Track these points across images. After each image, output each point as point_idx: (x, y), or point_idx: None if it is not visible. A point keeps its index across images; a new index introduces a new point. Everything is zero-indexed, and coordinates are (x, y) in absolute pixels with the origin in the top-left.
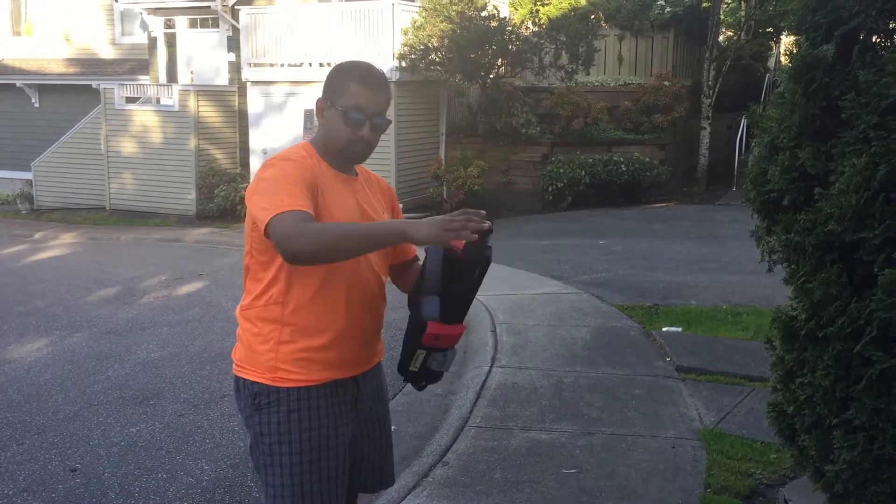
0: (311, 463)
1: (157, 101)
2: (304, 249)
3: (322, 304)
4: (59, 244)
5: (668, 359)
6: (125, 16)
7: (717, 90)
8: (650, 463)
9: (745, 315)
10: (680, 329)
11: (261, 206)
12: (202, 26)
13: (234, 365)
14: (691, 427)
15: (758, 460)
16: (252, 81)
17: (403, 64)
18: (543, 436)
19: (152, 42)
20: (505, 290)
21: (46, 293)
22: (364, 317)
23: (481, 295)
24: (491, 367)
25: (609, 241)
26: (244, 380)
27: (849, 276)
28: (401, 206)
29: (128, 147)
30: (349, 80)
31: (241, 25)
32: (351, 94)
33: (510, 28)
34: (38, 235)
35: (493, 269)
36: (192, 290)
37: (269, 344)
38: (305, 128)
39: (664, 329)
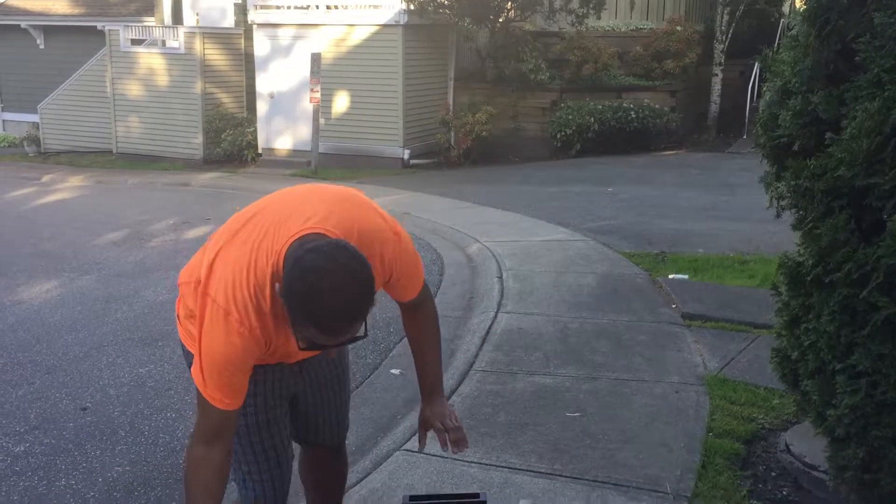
0: (247, 428)
1: (163, 43)
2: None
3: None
4: (67, 187)
5: (673, 305)
6: None
7: (730, 35)
8: (653, 407)
9: (753, 263)
10: (686, 276)
11: (198, 369)
12: None
13: (177, 321)
14: (695, 373)
15: (760, 406)
16: (258, 24)
17: (412, 7)
18: (548, 380)
19: None
20: (511, 237)
21: (55, 236)
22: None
23: (488, 241)
24: (497, 312)
25: (617, 188)
26: (183, 345)
27: (857, 222)
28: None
29: (134, 90)
30: (308, 321)
31: None
32: (309, 333)
33: None
34: (45, 178)
35: (500, 216)
36: (200, 235)
37: None
38: (312, 72)
39: (671, 276)
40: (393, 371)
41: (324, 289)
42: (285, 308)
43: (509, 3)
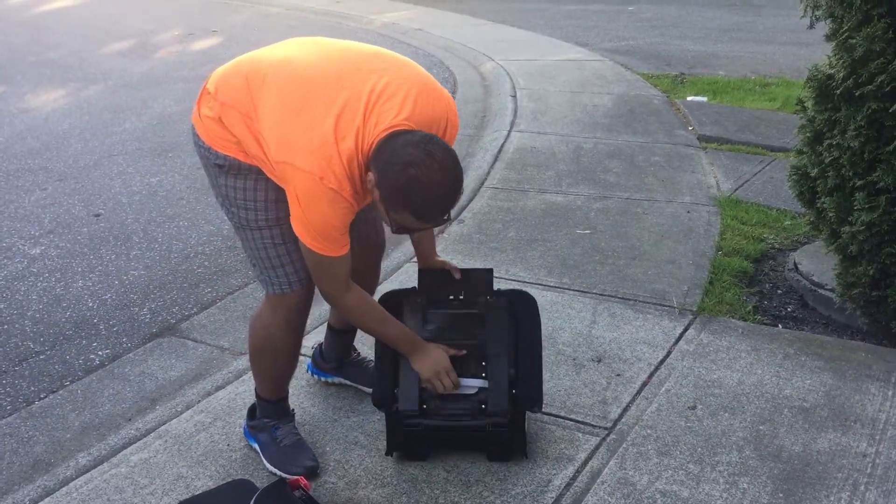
0: (279, 225)
1: None
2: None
3: None
4: None
5: (690, 128)
6: None
7: None
8: (664, 226)
9: (774, 86)
10: (705, 99)
11: (307, 236)
12: None
13: (196, 125)
14: (708, 194)
15: (772, 226)
16: None
17: None
18: (559, 198)
19: None
20: (526, 56)
21: (60, 44)
22: None
23: (502, 59)
24: (510, 131)
25: (638, 7)
26: (210, 147)
27: (895, 32)
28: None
29: None
30: (406, 209)
31: None
32: (404, 219)
33: None
34: None
35: (515, 34)
36: (206, 47)
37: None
38: None
39: (689, 98)
40: None
41: (423, 181)
42: (381, 196)
43: None
